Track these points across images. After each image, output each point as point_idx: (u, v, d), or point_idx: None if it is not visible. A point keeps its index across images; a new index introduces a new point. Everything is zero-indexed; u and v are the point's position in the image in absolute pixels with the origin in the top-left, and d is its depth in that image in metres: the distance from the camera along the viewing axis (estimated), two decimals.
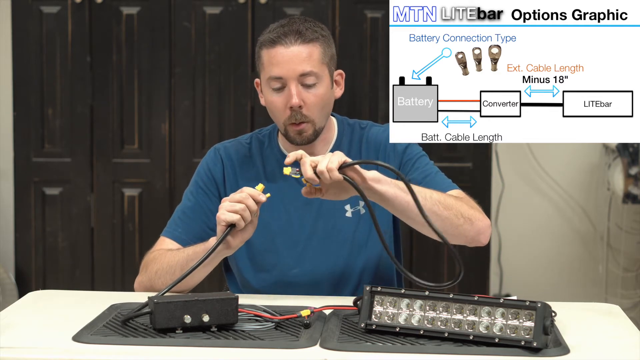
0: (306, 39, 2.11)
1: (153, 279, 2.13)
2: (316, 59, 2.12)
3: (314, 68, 2.11)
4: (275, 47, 2.11)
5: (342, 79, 2.22)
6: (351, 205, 2.20)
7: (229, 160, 2.23)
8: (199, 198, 2.22)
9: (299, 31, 2.11)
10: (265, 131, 2.29)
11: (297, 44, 2.10)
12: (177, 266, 2.09)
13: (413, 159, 2.21)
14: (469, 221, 2.06)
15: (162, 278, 2.11)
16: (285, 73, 2.10)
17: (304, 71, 2.10)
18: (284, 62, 2.10)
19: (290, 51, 2.10)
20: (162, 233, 2.24)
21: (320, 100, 2.13)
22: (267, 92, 2.15)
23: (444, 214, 2.02)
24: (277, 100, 2.13)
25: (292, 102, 2.10)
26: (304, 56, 2.10)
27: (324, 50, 2.14)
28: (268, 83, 2.14)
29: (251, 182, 2.20)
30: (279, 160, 2.21)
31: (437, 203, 2.02)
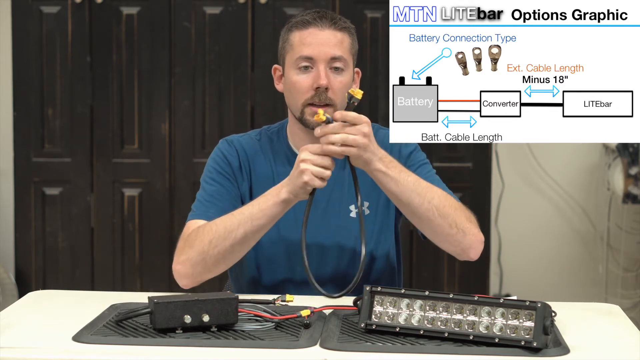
0: (339, 26, 2.15)
1: (207, 251, 2.05)
2: (346, 47, 2.15)
3: (343, 54, 2.14)
4: (309, 29, 2.14)
5: (359, 77, 2.24)
6: (355, 205, 2.20)
7: (243, 152, 2.23)
8: (223, 182, 2.20)
9: (332, 18, 2.15)
10: (273, 128, 2.29)
11: (330, 28, 2.14)
12: (240, 227, 2.04)
13: (416, 164, 2.22)
14: (461, 232, 2.07)
15: (220, 245, 2.05)
16: (316, 54, 2.12)
17: (334, 55, 2.13)
18: (317, 43, 2.12)
19: (324, 33, 2.13)
20: (189, 218, 2.17)
21: (344, 87, 2.14)
22: (292, 73, 2.15)
23: (437, 221, 2.05)
24: (303, 80, 2.13)
25: (320, 82, 2.11)
26: (336, 41, 2.14)
27: (352, 42, 2.18)
28: (295, 63, 2.14)
29: (262, 177, 2.20)
30: (288, 157, 2.22)
31: (433, 209, 2.05)
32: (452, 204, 2.09)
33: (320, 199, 2.16)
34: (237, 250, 2.07)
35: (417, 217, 2.07)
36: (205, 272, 2.09)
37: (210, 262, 2.07)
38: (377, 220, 2.22)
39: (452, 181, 3.74)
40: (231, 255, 2.08)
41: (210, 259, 2.06)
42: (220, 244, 2.05)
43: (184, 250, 2.09)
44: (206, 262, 2.07)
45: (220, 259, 2.07)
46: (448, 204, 2.07)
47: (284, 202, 2.04)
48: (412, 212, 2.06)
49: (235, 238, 2.04)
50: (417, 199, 2.05)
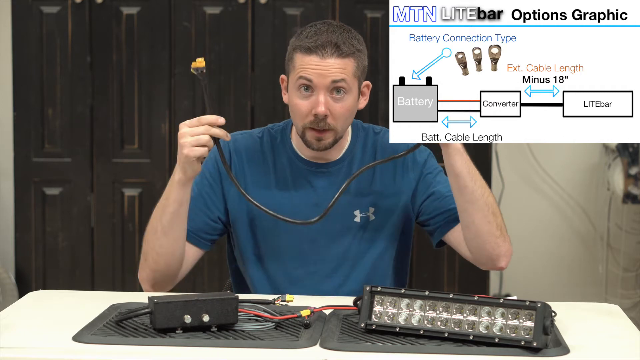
0: (342, 53, 2.10)
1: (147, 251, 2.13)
2: (349, 71, 2.11)
3: (346, 77, 2.11)
4: (311, 56, 2.09)
5: (368, 90, 2.22)
6: (360, 210, 2.20)
7: (236, 153, 2.23)
8: (203, 189, 2.21)
9: (337, 44, 2.09)
10: (278, 127, 2.27)
11: (333, 57, 2.09)
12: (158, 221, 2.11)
13: (434, 172, 2.23)
14: (503, 237, 2.11)
15: (152, 242, 2.12)
16: (316, 79, 2.09)
17: (335, 79, 2.09)
18: (317, 71, 2.09)
19: (326, 62, 2.09)
20: None
21: (346, 112, 2.13)
22: (294, 94, 2.13)
23: (489, 218, 2.08)
24: (303, 104, 2.11)
25: (318, 110, 2.09)
26: (338, 67, 2.10)
27: (357, 65, 2.14)
28: (297, 82, 2.12)
29: (260, 176, 2.20)
30: (290, 158, 2.21)
31: (489, 204, 2.08)
32: (497, 209, 2.11)
33: (323, 202, 2.15)
34: (166, 244, 2.11)
35: (473, 208, 2.07)
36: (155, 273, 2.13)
37: (162, 265, 2.12)
38: (383, 225, 2.21)
39: None
40: (169, 250, 2.11)
41: (151, 258, 2.12)
42: (152, 242, 2.12)
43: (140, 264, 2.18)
44: (158, 264, 2.12)
45: (162, 259, 2.11)
46: (496, 206, 2.11)
47: (179, 182, 2.07)
48: (471, 201, 2.06)
49: (161, 231, 2.11)
50: (479, 189, 2.07)
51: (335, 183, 2.16)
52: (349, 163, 2.21)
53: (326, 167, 2.20)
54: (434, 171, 2.22)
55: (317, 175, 2.20)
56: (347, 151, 2.22)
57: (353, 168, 2.20)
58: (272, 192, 2.18)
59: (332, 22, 2.16)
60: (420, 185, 2.20)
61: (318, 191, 2.19)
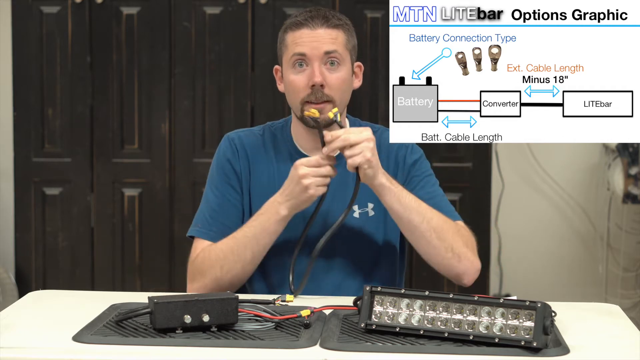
0: (332, 24, 2.14)
1: (221, 277, 2.11)
2: (341, 42, 2.15)
3: (337, 48, 2.13)
4: (301, 29, 2.14)
5: (361, 71, 2.24)
6: (359, 206, 2.20)
7: (243, 150, 2.23)
8: (226, 192, 2.21)
9: (325, 16, 2.15)
10: (277, 124, 2.29)
11: (323, 27, 2.13)
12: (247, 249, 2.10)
13: (421, 176, 2.22)
14: (457, 258, 2.09)
15: (233, 269, 2.11)
16: (309, 51, 2.12)
17: (328, 49, 2.13)
18: (309, 42, 2.12)
19: (316, 32, 2.13)
20: (193, 233, 2.20)
21: (342, 83, 2.14)
22: (289, 72, 2.16)
23: (434, 243, 2.08)
24: (299, 78, 2.14)
25: (314, 80, 2.11)
26: (329, 37, 2.13)
27: (347, 38, 2.17)
28: (291, 61, 2.14)
29: (263, 174, 2.20)
30: (291, 154, 2.22)
31: (432, 230, 2.07)
32: (450, 227, 2.10)
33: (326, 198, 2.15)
34: (248, 269, 2.13)
35: (414, 237, 2.09)
36: (208, 287, 2.13)
37: (225, 285, 2.13)
38: (383, 220, 2.21)
39: (452, 181, 3.75)
40: (243, 275, 2.14)
41: (225, 283, 2.12)
42: (232, 268, 2.11)
43: (195, 277, 2.14)
44: (221, 287, 2.13)
45: (235, 280, 2.13)
46: (447, 227, 2.09)
47: (284, 219, 2.09)
48: (411, 230, 2.08)
49: (245, 260, 2.10)
50: (417, 217, 2.07)
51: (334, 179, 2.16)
52: None
53: None
54: (421, 175, 2.22)
55: None
56: None
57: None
58: (275, 188, 2.18)
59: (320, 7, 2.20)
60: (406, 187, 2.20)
61: None
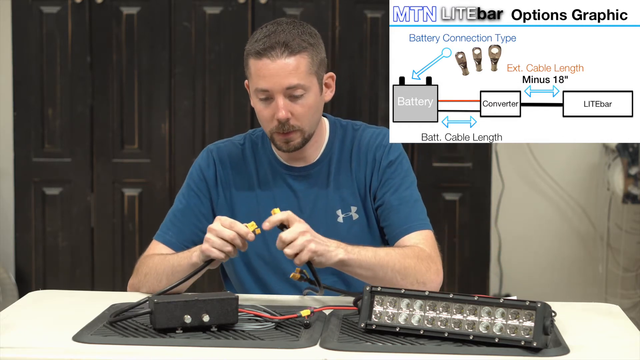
0: (293, 50, 2.07)
1: (142, 282, 2.15)
2: (303, 71, 2.08)
3: (300, 80, 2.07)
4: (262, 60, 2.07)
5: (333, 81, 2.18)
6: (342, 210, 2.19)
7: (221, 163, 2.22)
8: (191, 201, 2.22)
9: (286, 43, 2.06)
10: (258, 132, 2.26)
11: (283, 56, 2.06)
12: (164, 275, 2.11)
13: (395, 179, 2.18)
14: (422, 285, 2.07)
15: (149, 283, 2.13)
16: (271, 86, 2.07)
17: (290, 84, 2.06)
18: (270, 76, 2.06)
19: (277, 64, 2.06)
20: (154, 236, 2.23)
21: (307, 110, 2.10)
22: (255, 101, 2.13)
23: (400, 283, 2.04)
24: (265, 110, 2.10)
25: (278, 116, 2.08)
26: (290, 69, 2.06)
27: (311, 60, 2.09)
28: (255, 93, 2.11)
29: (244, 185, 2.19)
30: (271, 162, 2.21)
31: (396, 274, 2.04)
32: (411, 261, 2.07)
33: (305, 206, 2.15)
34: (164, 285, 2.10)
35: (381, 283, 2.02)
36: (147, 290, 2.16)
37: (144, 290, 2.15)
38: (369, 223, 2.20)
39: (452, 181, 3.76)
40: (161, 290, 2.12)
41: (144, 291, 2.15)
42: (150, 282, 2.14)
43: (134, 272, 2.19)
44: (141, 290, 2.15)
45: (152, 290, 2.12)
46: (407, 263, 2.06)
47: (195, 265, 2.05)
48: (378, 281, 2.02)
49: (160, 283, 2.11)
50: (380, 271, 2.04)
51: (315, 185, 2.16)
52: (328, 163, 2.20)
53: (305, 170, 2.19)
54: (394, 177, 2.18)
55: (296, 179, 2.19)
56: (326, 151, 2.21)
57: (332, 168, 2.19)
58: (256, 198, 2.18)
59: (283, 20, 2.13)
60: (379, 190, 2.19)
61: (299, 195, 2.18)
